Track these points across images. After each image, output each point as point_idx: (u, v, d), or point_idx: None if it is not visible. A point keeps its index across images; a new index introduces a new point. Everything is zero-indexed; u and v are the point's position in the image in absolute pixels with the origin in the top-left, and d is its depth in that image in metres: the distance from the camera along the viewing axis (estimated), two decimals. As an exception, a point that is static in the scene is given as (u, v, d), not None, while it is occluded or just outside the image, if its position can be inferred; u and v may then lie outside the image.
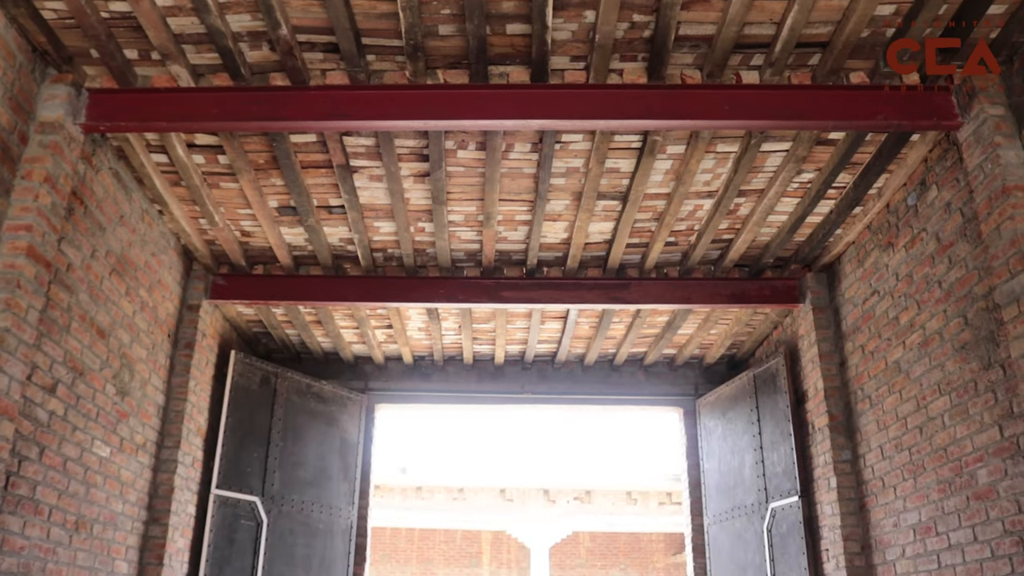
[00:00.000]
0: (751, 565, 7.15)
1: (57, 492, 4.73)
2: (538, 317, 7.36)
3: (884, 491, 5.64)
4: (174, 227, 6.14)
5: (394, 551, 22.02)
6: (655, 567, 22.56)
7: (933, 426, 5.05)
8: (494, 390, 8.59)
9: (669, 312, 7.33)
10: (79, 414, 4.95)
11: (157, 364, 6.09)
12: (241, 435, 7.08)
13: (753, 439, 7.32)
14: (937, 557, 5.00)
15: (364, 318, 7.42)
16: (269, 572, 7.05)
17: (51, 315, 4.59)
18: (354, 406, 8.28)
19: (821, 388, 6.33)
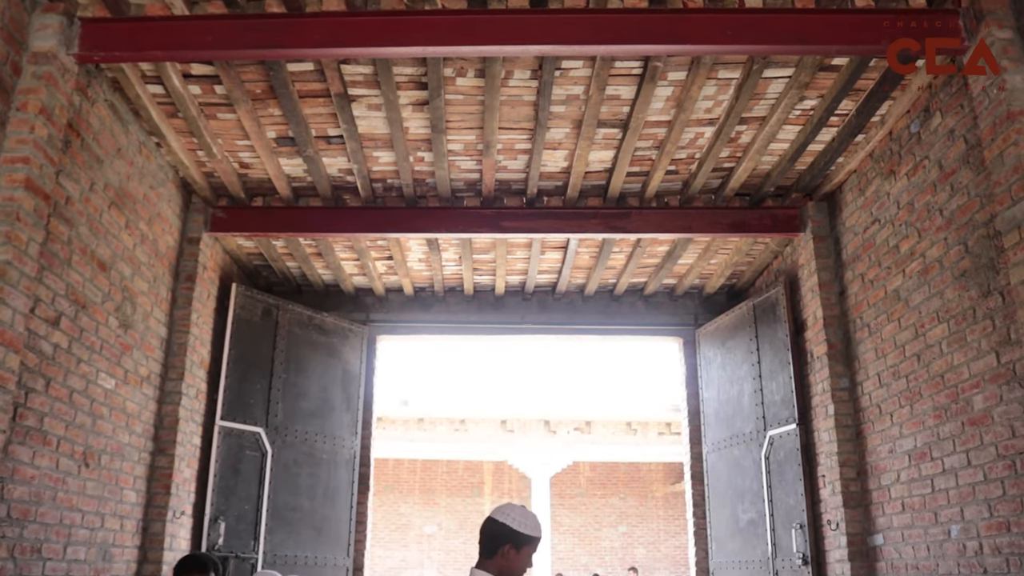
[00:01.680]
0: (749, 491, 7.27)
1: (64, 423, 4.79)
2: (538, 247, 7.36)
3: (881, 418, 5.70)
4: (172, 159, 6.10)
5: (397, 482, 22.37)
6: (654, 496, 22.94)
7: (931, 353, 5.08)
8: (494, 320, 8.63)
9: (669, 242, 7.32)
10: (83, 347, 4.99)
11: (159, 297, 6.11)
12: (244, 367, 7.14)
13: (752, 368, 7.38)
14: (931, 481, 5.08)
15: (364, 249, 7.42)
16: (274, 501, 7.18)
17: (52, 248, 4.59)
18: (355, 338, 8.32)
19: (820, 317, 6.36)
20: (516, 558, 3.12)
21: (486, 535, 3.18)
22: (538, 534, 3.17)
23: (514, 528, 3.12)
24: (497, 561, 3.12)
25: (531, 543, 3.15)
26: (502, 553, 3.11)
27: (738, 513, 7.42)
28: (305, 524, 7.42)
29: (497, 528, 3.14)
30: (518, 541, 3.11)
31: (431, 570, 21.92)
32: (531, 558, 3.18)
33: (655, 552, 22.37)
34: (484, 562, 3.15)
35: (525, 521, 3.14)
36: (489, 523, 3.19)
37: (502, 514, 3.18)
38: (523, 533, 3.12)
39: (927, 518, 5.11)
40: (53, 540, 4.70)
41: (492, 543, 3.14)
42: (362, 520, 8.06)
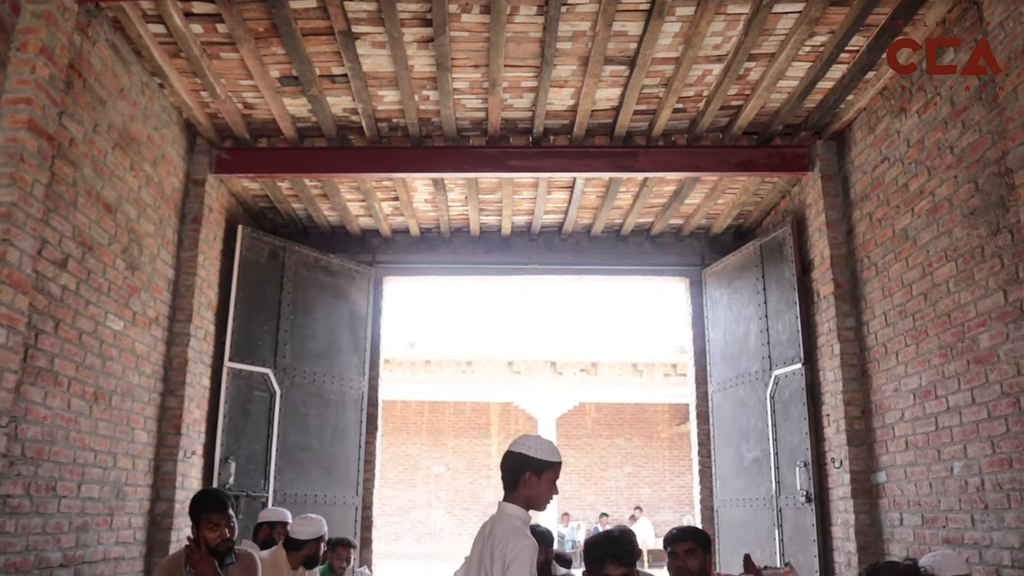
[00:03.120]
0: (753, 430, 7.33)
1: (74, 364, 4.82)
2: (544, 187, 7.32)
3: (886, 357, 5.72)
4: (175, 100, 6.05)
5: (405, 423, 22.59)
6: (659, 437, 23.15)
7: (938, 292, 5.08)
8: (501, 261, 8.62)
9: (676, 181, 7.27)
10: (91, 288, 5.00)
11: (165, 239, 6.11)
12: (251, 309, 7.16)
13: (758, 308, 7.39)
14: (935, 419, 5.11)
15: (370, 190, 7.39)
16: (284, 441, 7.26)
17: (57, 190, 4.58)
18: (362, 279, 8.34)
19: (827, 256, 6.34)
20: (538, 485, 3.16)
21: (506, 468, 3.22)
22: (556, 459, 3.21)
23: (531, 455, 3.16)
24: (521, 491, 3.16)
25: (551, 469, 3.18)
26: (524, 482, 3.15)
27: (743, 452, 7.49)
28: (314, 463, 7.51)
29: (515, 459, 3.18)
30: (537, 468, 3.14)
31: (439, 510, 22.25)
32: (555, 485, 3.22)
33: (660, 492, 22.66)
34: (509, 495, 3.19)
35: (541, 447, 3.18)
36: (507, 456, 3.23)
37: (518, 445, 3.22)
38: (541, 459, 3.16)
39: (930, 455, 5.15)
40: (67, 478, 4.77)
41: (513, 475, 3.18)
42: (370, 459, 8.15)
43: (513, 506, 3.17)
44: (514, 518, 3.16)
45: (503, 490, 3.25)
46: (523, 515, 3.18)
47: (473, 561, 3.19)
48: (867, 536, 5.81)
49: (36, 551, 4.47)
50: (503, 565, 2.98)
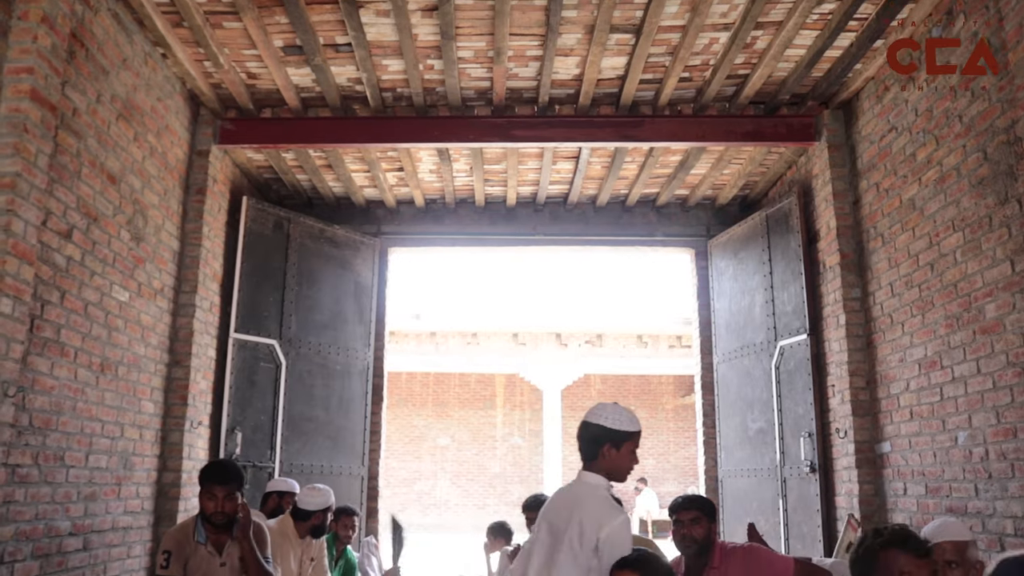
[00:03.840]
0: (758, 401, 7.34)
1: (81, 335, 4.84)
2: (550, 157, 7.29)
3: (892, 327, 5.71)
4: (178, 71, 6.02)
5: (410, 395, 22.68)
6: (664, 408, 23.22)
7: (944, 262, 5.06)
8: (506, 232, 8.60)
9: (682, 151, 7.23)
10: (96, 259, 5.00)
11: (170, 210, 6.10)
12: (257, 280, 7.17)
13: (764, 279, 7.37)
14: (940, 390, 5.11)
15: (375, 160, 7.36)
16: (290, 412, 7.29)
17: (61, 160, 4.57)
18: (367, 250, 8.33)
19: (834, 227, 6.31)
20: (618, 456, 3.13)
21: (583, 439, 3.18)
22: (635, 428, 3.16)
23: (608, 427, 3.12)
24: (600, 463, 3.13)
25: (630, 439, 3.14)
26: (602, 454, 3.12)
27: (747, 422, 7.50)
28: (320, 434, 7.55)
29: (592, 430, 3.15)
30: (616, 438, 3.11)
31: (444, 481, 22.39)
32: (635, 454, 3.17)
33: (664, 463, 22.76)
34: (589, 465, 3.16)
35: (619, 418, 3.14)
36: (583, 427, 3.19)
37: (594, 415, 3.17)
38: (619, 430, 3.12)
39: (935, 425, 5.16)
40: (75, 448, 4.80)
41: (591, 446, 3.15)
42: (376, 430, 8.19)
43: (594, 475, 3.13)
44: (599, 488, 3.11)
45: (581, 460, 3.21)
46: (606, 484, 3.14)
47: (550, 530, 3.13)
48: (871, 506, 5.83)
49: (45, 520, 4.51)
50: (595, 540, 2.94)
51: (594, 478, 3.13)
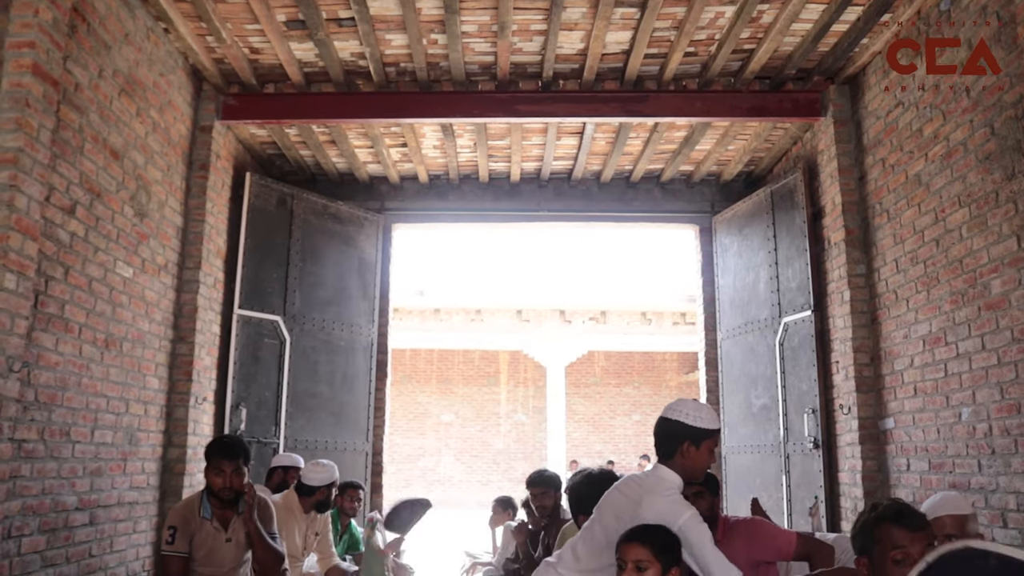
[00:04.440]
0: (762, 377, 7.35)
1: (85, 311, 4.84)
2: (554, 132, 7.25)
3: (896, 304, 5.70)
4: (181, 45, 5.98)
5: (414, 371, 22.75)
6: (668, 385, 23.28)
7: (950, 238, 5.04)
8: (510, 208, 8.57)
9: (687, 126, 7.20)
10: (99, 235, 5.00)
11: (173, 186, 6.09)
12: (260, 256, 7.16)
13: (768, 255, 7.35)
14: (944, 366, 5.11)
15: (378, 136, 7.33)
16: (294, 388, 7.31)
17: (63, 136, 4.55)
18: (371, 226, 8.32)
19: (839, 203, 6.29)
20: (697, 455, 3.02)
21: (661, 436, 3.07)
22: (716, 426, 3.05)
23: (689, 424, 3.00)
24: (678, 461, 3.02)
25: (710, 437, 3.03)
26: (681, 452, 3.01)
27: (751, 399, 7.51)
28: (324, 410, 7.57)
29: (671, 427, 3.03)
30: (696, 436, 3.00)
31: (448, 457, 22.50)
32: (713, 453, 3.05)
33: (668, 439, 22.80)
34: (666, 462, 3.05)
35: (700, 415, 3.02)
36: (662, 423, 3.07)
37: (674, 411, 3.06)
38: (699, 427, 3.01)
39: (938, 401, 5.16)
40: (81, 424, 4.82)
41: (669, 443, 3.04)
42: (380, 406, 8.21)
43: (669, 471, 3.01)
44: (671, 483, 2.99)
45: (656, 455, 3.09)
46: (678, 483, 3.01)
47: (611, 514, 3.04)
48: (874, 481, 5.85)
49: (52, 495, 4.53)
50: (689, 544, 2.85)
51: (668, 473, 3.01)
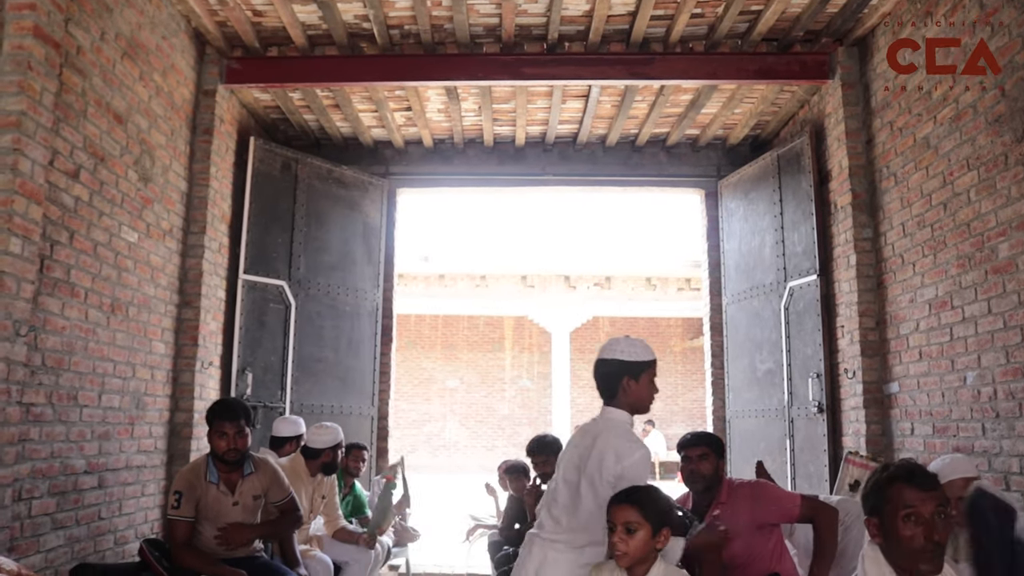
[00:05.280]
0: (767, 342, 7.35)
1: (91, 276, 4.85)
2: (559, 95, 7.19)
3: (903, 268, 5.68)
4: (183, 8, 5.93)
5: (419, 337, 22.79)
6: (672, 351, 23.30)
7: (958, 202, 5.01)
8: (515, 172, 8.52)
9: (693, 89, 7.13)
10: (104, 200, 4.99)
11: (177, 151, 6.06)
12: (265, 221, 7.15)
13: (774, 219, 7.32)
14: (950, 330, 5.10)
15: (382, 100, 7.28)
16: (300, 352, 7.33)
17: (66, 100, 4.53)
18: (375, 191, 8.29)
19: (846, 167, 6.25)
20: (638, 388, 3.12)
21: (601, 377, 3.16)
22: (651, 357, 3.14)
23: (624, 359, 3.10)
24: (621, 398, 3.12)
25: (648, 368, 3.13)
26: (623, 388, 3.11)
27: (756, 363, 7.52)
28: (330, 374, 7.60)
29: (608, 367, 3.13)
30: (634, 370, 3.10)
31: (453, 422, 22.60)
32: (654, 384, 3.15)
33: (672, 405, 22.91)
34: (611, 401, 3.14)
35: (633, 349, 3.12)
36: (599, 365, 3.16)
37: (608, 351, 3.15)
38: (635, 361, 3.10)
39: (943, 366, 5.16)
40: (88, 388, 4.84)
41: (610, 383, 3.13)
42: (385, 371, 8.24)
43: (617, 411, 3.11)
44: (622, 423, 3.10)
45: (601, 398, 3.17)
46: (628, 419, 3.12)
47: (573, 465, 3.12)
48: (877, 445, 5.87)
49: (60, 458, 4.56)
50: (615, 473, 2.95)
51: (617, 413, 3.12)
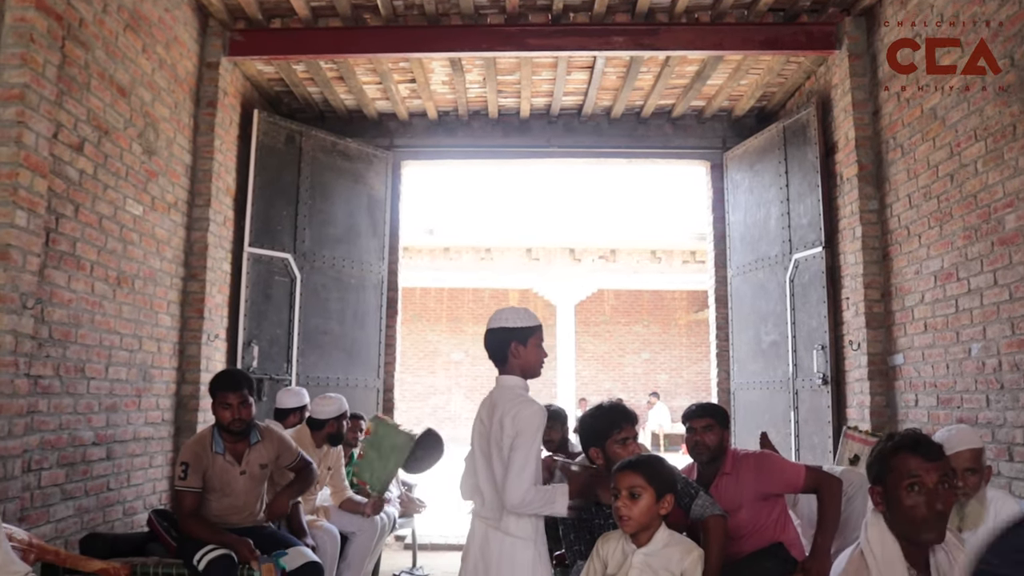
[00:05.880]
0: (772, 314, 7.35)
1: (96, 249, 4.86)
2: (564, 67, 7.15)
3: (908, 240, 5.67)
4: (184, -21, 5.90)
5: (424, 310, 22.83)
6: (677, 324, 23.32)
7: (965, 173, 4.99)
8: (520, 144, 8.49)
9: (699, 61, 7.09)
10: (108, 173, 4.99)
11: (181, 124, 6.05)
12: (269, 194, 7.15)
13: (780, 192, 7.30)
14: (955, 301, 5.10)
15: (386, 72, 7.25)
16: (305, 325, 7.35)
17: (69, 72, 4.52)
18: (380, 163, 8.27)
19: (852, 138, 6.21)
20: (526, 352, 3.25)
21: (491, 346, 3.31)
22: (534, 323, 3.28)
23: (510, 326, 3.24)
24: (512, 364, 3.25)
25: (533, 333, 3.26)
26: (511, 354, 3.24)
27: (760, 335, 7.53)
28: (336, 347, 7.62)
29: (496, 335, 3.27)
30: (520, 336, 3.23)
31: (458, 395, 22.69)
32: (542, 348, 3.30)
33: (677, 378, 22.97)
34: (503, 368, 3.28)
35: (517, 316, 3.26)
36: (488, 336, 3.31)
37: (495, 321, 3.30)
38: (520, 327, 3.24)
39: (948, 337, 5.16)
40: (95, 360, 4.86)
41: (499, 350, 3.27)
42: (391, 343, 8.26)
43: (510, 377, 3.25)
44: (514, 388, 3.23)
45: (496, 369, 3.32)
46: (522, 383, 3.26)
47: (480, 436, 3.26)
48: (881, 417, 5.88)
49: (69, 430, 4.60)
50: (511, 435, 3.06)
51: (510, 379, 3.25)
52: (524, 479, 2.99)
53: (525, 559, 3.09)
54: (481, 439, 3.25)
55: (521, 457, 3.01)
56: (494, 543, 3.14)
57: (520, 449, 3.02)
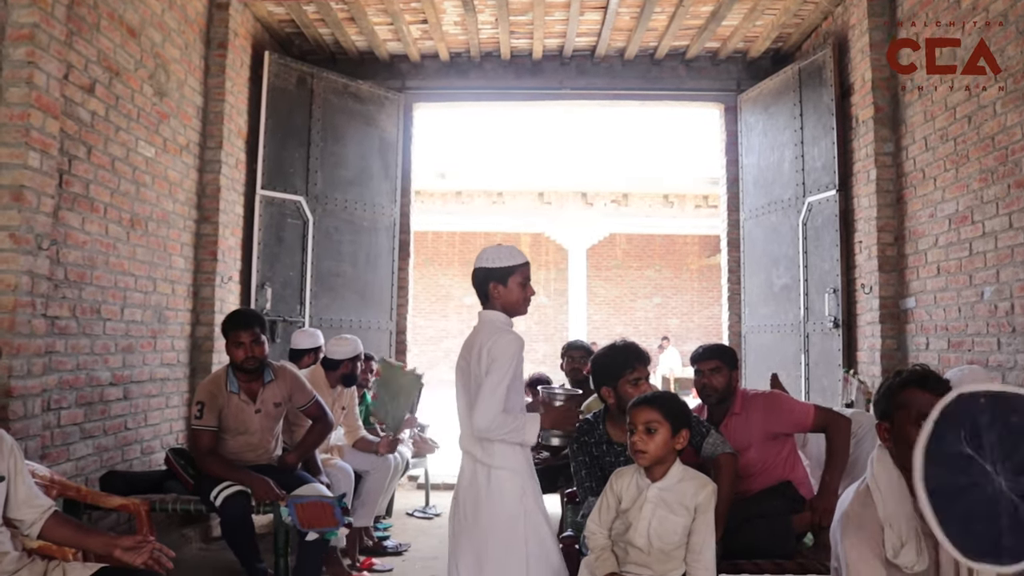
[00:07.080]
0: (784, 257, 7.33)
1: (109, 191, 4.87)
2: (577, 7, 7.04)
3: (924, 183, 5.62)
4: (192, -84, 5.82)
5: (436, 255, 22.86)
6: (688, 268, 23.31)
7: (983, 115, 4.92)
8: (532, 86, 8.40)
9: (714, 0, 6.97)
10: (120, 115, 4.98)
11: (192, 65, 6.02)
12: (281, 136, 7.12)
13: (794, 134, 7.23)
14: (969, 245, 5.07)
15: (398, 12, 7.16)
16: (317, 267, 7.38)
17: (78, 12, 4.49)
18: (392, 105, 8.22)
19: (869, 79, 6.13)
20: (507, 292, 3.32)
21: (475, 286, 3.38)
22: (515, 262, 3.34)
23: (490, 267, 3.31)
24: (494, 302, 3.32)
25: (513, 272, 3.32)
26: (491, 294, 3.31)
27: (772, 279, 7.52)
28: (348, 289, 7.66)
29: (479, 275, 3.35)
30: (499, 275, 3.30)
31: (471, 338, 22.80)
32: (525, 286, 3.36)
33: (688, 323, 23.03)
34: (486, 306, 3.36)
35: (498, 256, 3.34)
36: (473, 276, 3.39)
37: (478, 262, 3.37)
38: (500, 267, 3.31)
39: (961, 281, 5.15)
40: (110, 302, 4.91)
41: (482, 289, 3.34)
42: (403, 285, 8.28)
43: (491, 312, 3.32)
44: (495, 321, 3.30)
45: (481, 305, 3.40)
46: (504, 318, 3.32)
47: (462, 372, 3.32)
48: (892, 360, 5.89)
49: (86, 370, 4.66)
50: (487, 363, 3.12)
51: (491, 314, 3.32)
52: (492, 404, 3.05)
53: (513, 490, 3.15)
54: (463, 374, 3.31)
55: (493, 382, 3.07)
56: (481, 475, 3.20)
57: (493, 374, 3.08)
